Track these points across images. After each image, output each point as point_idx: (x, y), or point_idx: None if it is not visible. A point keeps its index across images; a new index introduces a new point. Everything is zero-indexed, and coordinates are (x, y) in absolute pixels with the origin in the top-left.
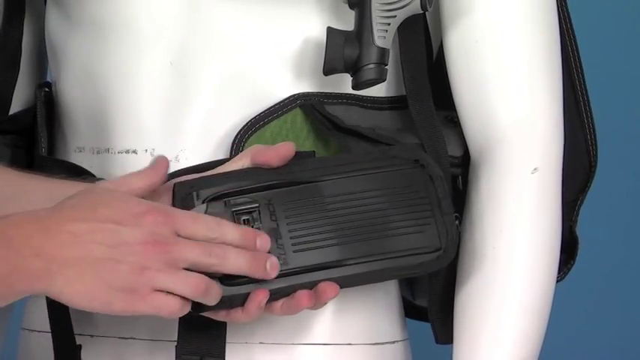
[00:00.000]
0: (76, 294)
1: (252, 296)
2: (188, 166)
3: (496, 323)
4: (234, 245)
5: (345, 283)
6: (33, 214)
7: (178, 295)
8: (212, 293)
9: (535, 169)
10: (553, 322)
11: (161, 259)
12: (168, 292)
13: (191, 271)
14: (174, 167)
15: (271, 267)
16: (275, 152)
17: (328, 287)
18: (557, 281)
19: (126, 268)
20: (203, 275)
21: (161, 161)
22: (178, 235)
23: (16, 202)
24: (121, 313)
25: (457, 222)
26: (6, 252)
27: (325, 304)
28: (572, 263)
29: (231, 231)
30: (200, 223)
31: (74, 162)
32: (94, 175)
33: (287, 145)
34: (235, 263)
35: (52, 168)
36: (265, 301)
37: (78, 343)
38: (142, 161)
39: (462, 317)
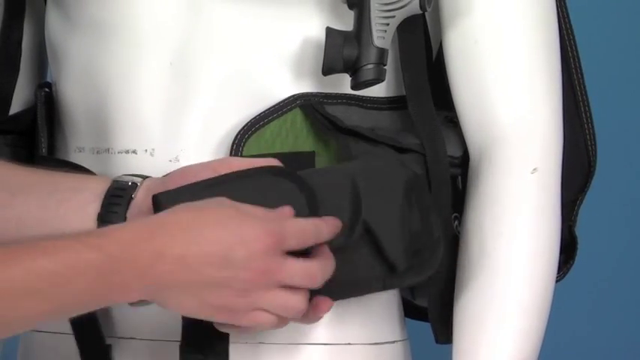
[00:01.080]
0: (178, 308)
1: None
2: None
3: (496, 323)
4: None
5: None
6: (139, 229)
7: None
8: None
9: (535, 169)
10: (552, 322)
11: (265, 283)
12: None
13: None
14: (174, 167)
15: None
16: None
17: (322, 302)
18: (557, 281)
19: (230, 292)
20: (301, 299)
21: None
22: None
23: (23, 195)
24: (222, 322)
25: (457, 222)
26: (110, 270)
27: (319, 318)
28: (571, 263)
29: (325, 231)
30: (307, 234)
31: (74, 162)
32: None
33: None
34: (321, 281)
35: (53, 168)
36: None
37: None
38: (142, 161)
39: (461, 317)
